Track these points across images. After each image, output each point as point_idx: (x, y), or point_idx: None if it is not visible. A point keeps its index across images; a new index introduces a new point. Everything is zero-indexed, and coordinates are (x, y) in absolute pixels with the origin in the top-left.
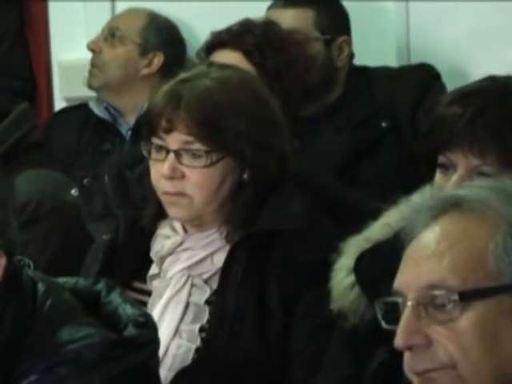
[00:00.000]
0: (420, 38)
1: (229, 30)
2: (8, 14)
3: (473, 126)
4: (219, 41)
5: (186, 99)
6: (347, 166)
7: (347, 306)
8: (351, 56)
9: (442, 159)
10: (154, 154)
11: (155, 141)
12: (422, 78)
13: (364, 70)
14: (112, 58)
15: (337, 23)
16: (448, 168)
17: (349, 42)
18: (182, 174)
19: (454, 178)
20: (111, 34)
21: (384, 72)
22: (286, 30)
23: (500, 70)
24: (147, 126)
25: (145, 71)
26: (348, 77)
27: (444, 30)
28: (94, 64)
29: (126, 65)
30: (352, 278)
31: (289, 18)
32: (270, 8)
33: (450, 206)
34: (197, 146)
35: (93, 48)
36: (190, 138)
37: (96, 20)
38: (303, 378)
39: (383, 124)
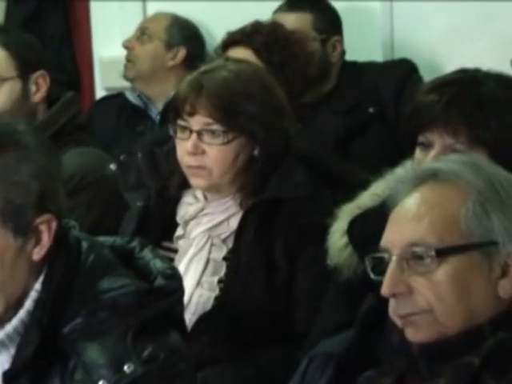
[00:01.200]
0: (403, 36)
1: (241, 30)
2: (57, 18)
3: (447, 111)
4: (233, 39)
5: (207, 88)
6: (341, 144)
7: (342, 262)
8: (343, 53)
9: (421, 138)
10: (179, 134)
11: (180, 122)
12: (402, 71)
13: (354, 65)
14: (143, 53)
15: (331, 25)
16: (426, 146)
17: (341, 41)
18: (202, 150)
19: (432, 154)
20: (141, 33)
21: (371, 66)
22: (289, 30)
23: (470, 63)
24: (174, 110)
25: (170, 63)
26: (340, 70)
27: (424, 29)
28: (128, 59)
29: (155, 58)
30: (345, 239)
31: (291, 21)
32: (275, 12)
33: (428, 177)
34: (216, 126)
35: (127, 46)
36: (209, 120)
37: (130, 23)
38: (304, 320)
39: (370, 110)
